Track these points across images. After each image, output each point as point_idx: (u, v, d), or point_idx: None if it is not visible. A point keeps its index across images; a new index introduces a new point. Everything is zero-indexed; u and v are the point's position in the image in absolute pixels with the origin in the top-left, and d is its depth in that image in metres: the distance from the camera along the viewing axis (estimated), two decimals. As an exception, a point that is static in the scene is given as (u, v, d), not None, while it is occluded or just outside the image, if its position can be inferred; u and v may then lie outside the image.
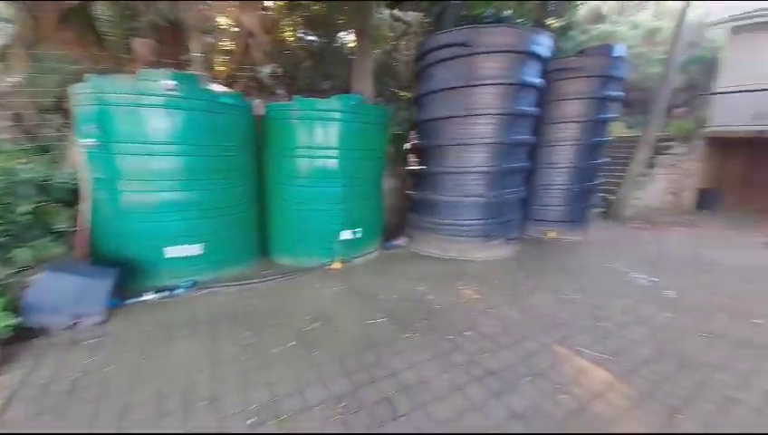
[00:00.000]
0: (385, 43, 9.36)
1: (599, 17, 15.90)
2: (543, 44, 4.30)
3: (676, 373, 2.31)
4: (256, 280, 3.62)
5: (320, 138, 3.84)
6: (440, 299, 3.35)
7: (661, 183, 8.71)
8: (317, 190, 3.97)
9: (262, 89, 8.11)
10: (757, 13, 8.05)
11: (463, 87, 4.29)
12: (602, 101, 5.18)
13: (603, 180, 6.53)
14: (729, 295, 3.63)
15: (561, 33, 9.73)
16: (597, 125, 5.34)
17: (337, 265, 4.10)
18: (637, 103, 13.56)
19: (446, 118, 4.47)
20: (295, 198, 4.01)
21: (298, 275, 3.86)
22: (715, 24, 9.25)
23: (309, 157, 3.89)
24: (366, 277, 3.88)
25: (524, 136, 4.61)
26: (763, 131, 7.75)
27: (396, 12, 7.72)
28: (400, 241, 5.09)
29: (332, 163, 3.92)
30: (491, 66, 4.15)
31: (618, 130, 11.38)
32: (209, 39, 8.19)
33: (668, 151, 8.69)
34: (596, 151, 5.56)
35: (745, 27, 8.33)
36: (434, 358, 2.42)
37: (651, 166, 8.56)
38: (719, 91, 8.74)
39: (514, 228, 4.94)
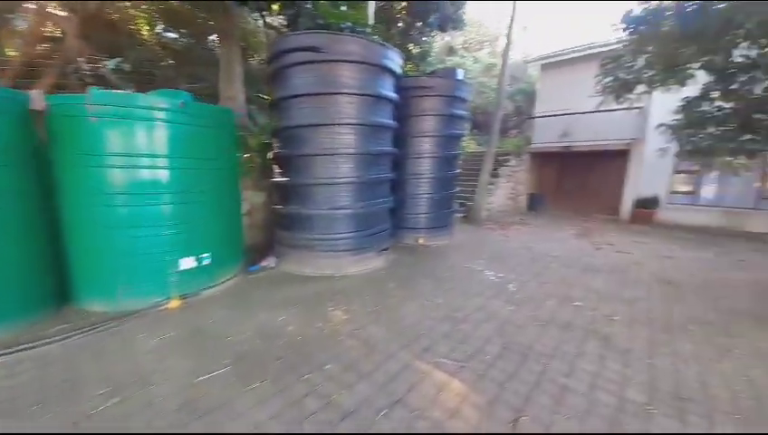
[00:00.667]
0: (261, 50, 8.61)
1: (451, 50, 18.39)
2: (395, 60, 4.38)
3: (520, 368, 2.39)
4: (29, 345, 2.48)
5: (139, 142, 2.95)
6: (304, 328, 2.88)
7: (504, 190, 10.27)
8: (140, 210, 3.04)
9: (98, 84, 6.38)
10: (559, 53, 10.32)
11: (324, 94, 4.01)
12: (451, 118, 5.65)
13: (460, 189, 7.20)
14: (555, 282, 4.22)
15: (421, 58, 10.68)
16: (449, 140, 5.79)
17: (175, 302, 3.22)
18: (484, 125, 15.97)
19: (310, 126, 4.11)
20: (108, 222, 2.98)
21: (115, 325, 2.85)
22: (531, 62, 11.52)
23: (125, 167, 2.95)
24: (215, 313, 3.13)
25: (386, 147, 4.60)
26: (567, 146, 9.91)
27: (268, 20, 7.12)
28: (268, 262, 4.45)
29: (160, 174, 3.07)
30: (348, 76, 3.98)
31: (472, 146, 13.16)
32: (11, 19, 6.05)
33: (507, 164, 10.33)
34: (451, 163, 6.03)
35: (551, 64, 10.59)
36: (283, 410, 1.94)
37: (496, 176, 10.02)
38: (536, 115, 10.86)
39: (386, 239, 4.86)
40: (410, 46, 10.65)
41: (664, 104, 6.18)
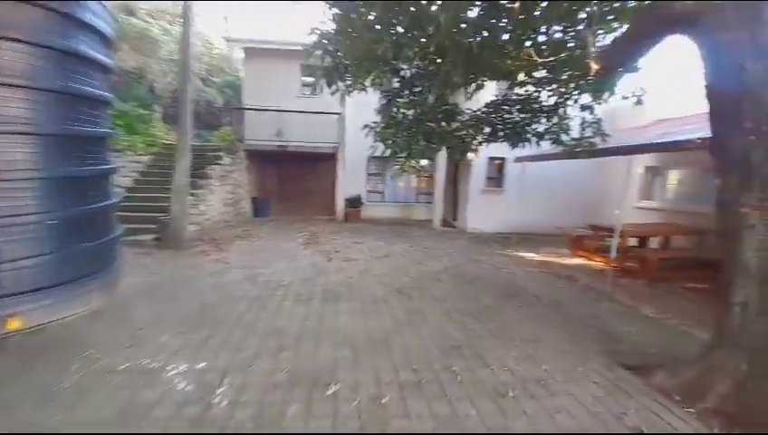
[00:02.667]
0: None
1: (130, 12, 12.84)
2: None
3: None
4: None
5: None
6: None
7: (220, 194, 7.77)
8: None
9: None
10: (266, 41, 8.81)
11: None
12: (66, 57, 2.61)
13: (121, 198, 4.12)
14: (292, 344, 2.56)
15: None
16: (68, 103, 2.71)
17: None
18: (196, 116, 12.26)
19: None
20: None
21: None
22: (232, 41, 9.42)
23: None
24: None
25: None
26: (283, 146, 8.76)
27: None
28: None
29: None
30: None
31: (171, 137, 9.38)
32: None
33: (219, 162, 7.86)
34: (86, 151, 2.95)
35: (258, 52, 8.96)
36: None
37: (206, 177, 7.32)
38: (245, 107, 9.01)
39: None
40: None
41: (358, 111, 6.18)
